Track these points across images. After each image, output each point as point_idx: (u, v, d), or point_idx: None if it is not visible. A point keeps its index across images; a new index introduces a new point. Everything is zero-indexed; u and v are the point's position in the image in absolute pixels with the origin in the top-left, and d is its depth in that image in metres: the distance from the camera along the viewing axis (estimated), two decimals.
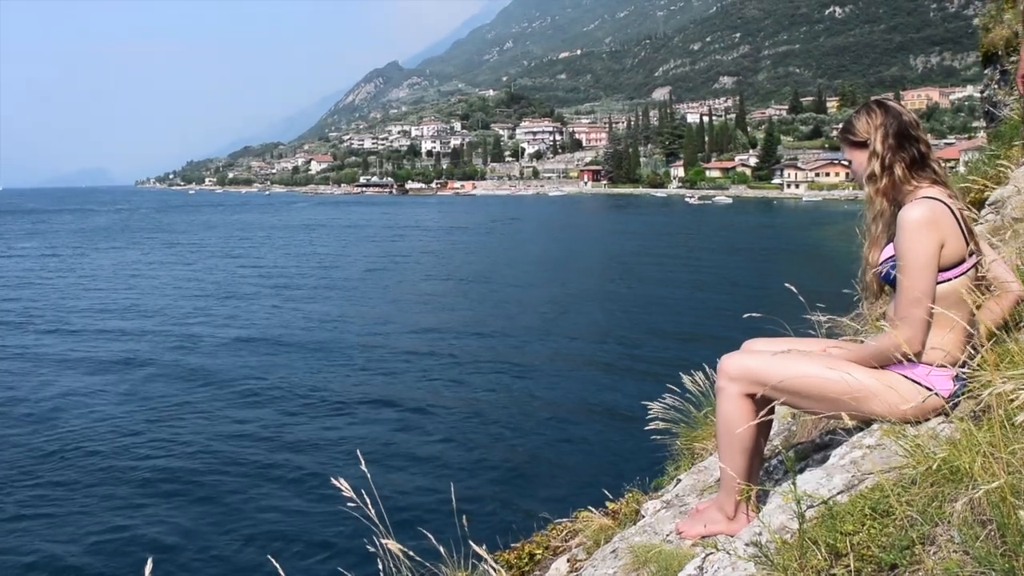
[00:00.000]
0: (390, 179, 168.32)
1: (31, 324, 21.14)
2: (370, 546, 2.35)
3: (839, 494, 1.69)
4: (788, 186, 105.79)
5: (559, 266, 34.94)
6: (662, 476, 3.42)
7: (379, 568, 2.32)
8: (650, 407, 3.44)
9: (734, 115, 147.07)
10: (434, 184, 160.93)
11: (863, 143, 2.09)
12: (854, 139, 2.12)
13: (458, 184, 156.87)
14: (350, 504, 2.29)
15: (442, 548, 2.55)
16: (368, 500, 2.31)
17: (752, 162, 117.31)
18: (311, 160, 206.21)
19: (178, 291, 27.61)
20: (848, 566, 1.39)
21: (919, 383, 1.89)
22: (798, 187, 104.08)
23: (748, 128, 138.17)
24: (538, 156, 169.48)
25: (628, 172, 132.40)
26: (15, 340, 18.95)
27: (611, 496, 3.16)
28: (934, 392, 1.87)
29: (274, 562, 2.36)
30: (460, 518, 2.50)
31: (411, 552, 2.25)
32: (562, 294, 25.99)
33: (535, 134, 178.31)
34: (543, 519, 3.40)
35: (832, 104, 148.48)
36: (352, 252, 42.98)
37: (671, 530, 2.33)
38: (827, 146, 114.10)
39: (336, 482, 2.26)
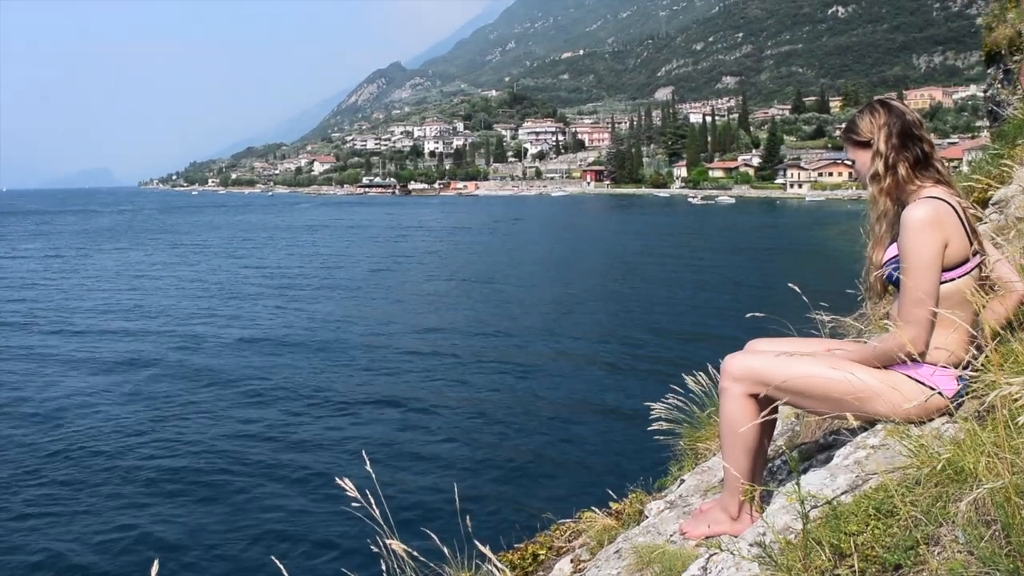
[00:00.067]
0: (393, 180, 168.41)
1: (36, 325, 21.19)
2: (374, 546, 2.35)
3: (843, 494, 1.69)
4: (791, 186, 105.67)
5: (562, 266, 34.94)
6: (666, 476, 3.42)
7: (384, 568, 2.32)
8: (653, 407, 3.43)
9: (737, 115, 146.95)
10: (437, 185, 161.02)
11: (866, 143, 2.09)
12: (857, 139, 2.12)
13: (461, 184, 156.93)
14: (355, 504, 2.29)
15: (446, 548, 2.55)
16: (372, 500, 2.32)
17: (755, 162, 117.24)
18: (314, 161, 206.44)
19: (182, 292, 27.66)
20: (852, 566, 1.39)
21: (923, 383, 1.89)
22: (801, 187, 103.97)
23: (751, 128, 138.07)
24: (541, 156, 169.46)
25: (631, 172, 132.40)
26: (21, 340, 19.00)
27: (615, 496, 3.15)
28: (938, 392, 1.87)
29: (278, 563, 2.36)
30: (464, 518, 2.50)
31: (415, 552, 2.26)
32: (565, 294, 25.98)
33: (538, 134, 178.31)
34: (547, 519, 3.40)
35: (835, 104, 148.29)
36: (356, 253, 43.01)
37: (675, 530, 2.33)
38: (830, 146, 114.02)
39: (341, 482, 2.26)
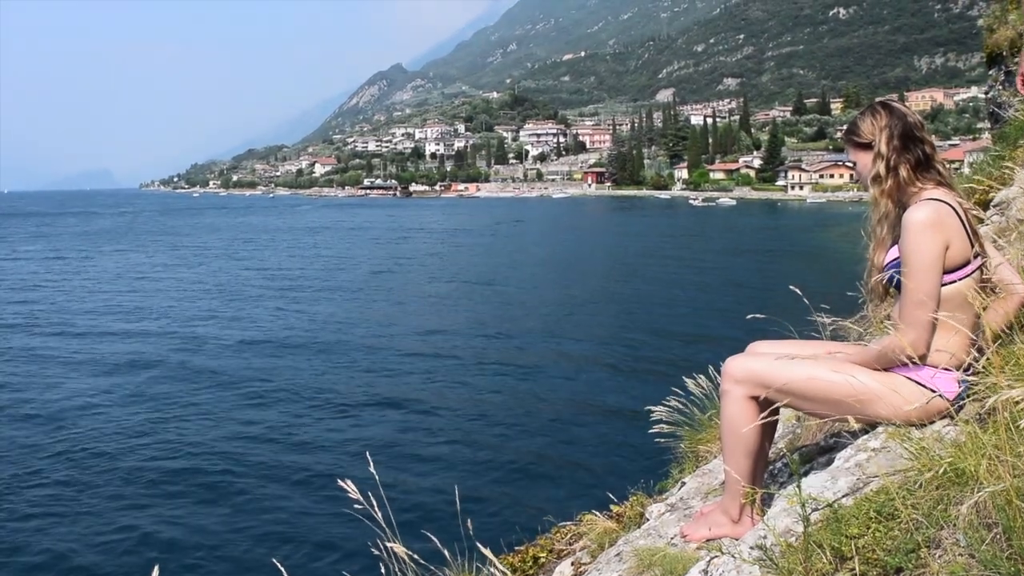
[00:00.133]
0: (394, 181, 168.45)
1: (38, 327, 21.21)
2: (375, 549, 2.35)
3: (844, 497, 1.69)
4: (792, 188, 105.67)
5: (564, 268, 34.94)
6: (666, 479, 3.41)
7: (385, 571, 2.32)
8: (654, 410, 3.43)
9: (738, 117, 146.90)
10: (438, 186, 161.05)
11: (868, 144, 2.09)
12: (859, 140, 2.12)
13: (462, 186, 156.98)
14: (357, 506, 2.30)
15: (446, 551, 2.55)
16: (375, 502, 2.32)
17: (756, 164, 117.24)
18: (315, 163, 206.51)
19: (183, 294, 27.69)
20: (853, 569, 1.39)
21: (924, 385, 1.89)
22: (802, 189, 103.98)
23: (752, 130, 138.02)
24: (542, 158, 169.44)
25: (632, 174, 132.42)
26: (22, 342, 19.02)
27: (615, 499, 3.15)
28: (939, 394, 1.87)
29: (279, 565, 2.36)
30: (464, 520, 2.50)
31: (416, 556, 2.26)
32: (567, 296, 25.98)
33: (539, 136, 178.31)
34: (547, 522, 3.39)
35: (836, 106, 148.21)
36: (357, 254, 43.04)
37: (675, 533, 2.33)
38: (831, 148, 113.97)
39: (343, 484, 2.26)
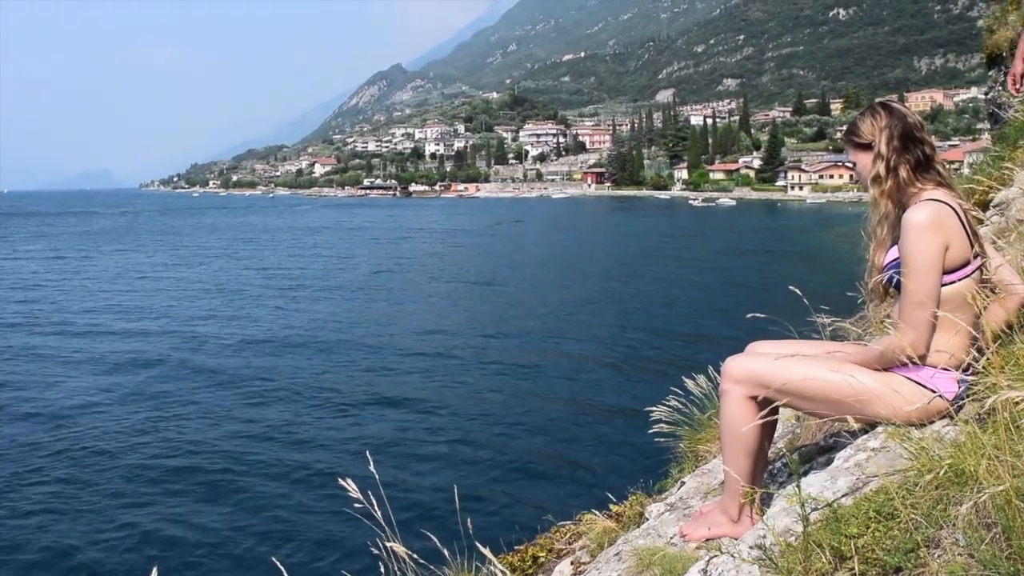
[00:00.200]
0: (394, 182, 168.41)
1: (38, 326, 21.21)
2: (375, 548, 2.35)
3: (843, 497, 1.69)
4: (792, 188, 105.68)
5: (563, 268, 34.94)
6: (666, 479, 3.41)
7: (384, 570, 2.32)
8: (653, 410, 3.43)
9: (738, 117, 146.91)
10: (438, 187, 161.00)
11: (868, 145, 2.09)
12: (859, 141, 2.12)
13: (462, 186, 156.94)
14: (356, 505, 2.30)
15: (446, 550, 2.55)
16: (375, 501, 2.32)
17: (756, 164, 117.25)
18: (315, 163, 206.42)
19: (184, 293, 27.68)
20: (852, 569, 1.39)
21: (923, 385, 1.89)
22: (802, 189, 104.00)
23: (752, 130, 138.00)
24: (542, 158, 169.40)
25: (632, 174, 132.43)
26: (23, 341, 19.01)
27: (615, 499, 3.15)
28: (938, 395, 1.87)
29: (278, 564, 2.36)
30: (464, 520, 2.50)
31: (415, 555, 2.26)
32: (566, 296, 25.98)
33: (539, 136, 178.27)
34: (547, 521, 3.40)
35: (836, 106, 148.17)
36: (357, 254, 43.04)
37: (675, 533, 2.33)
38: (831, 148, 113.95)
39: (343, 483, 2.26)
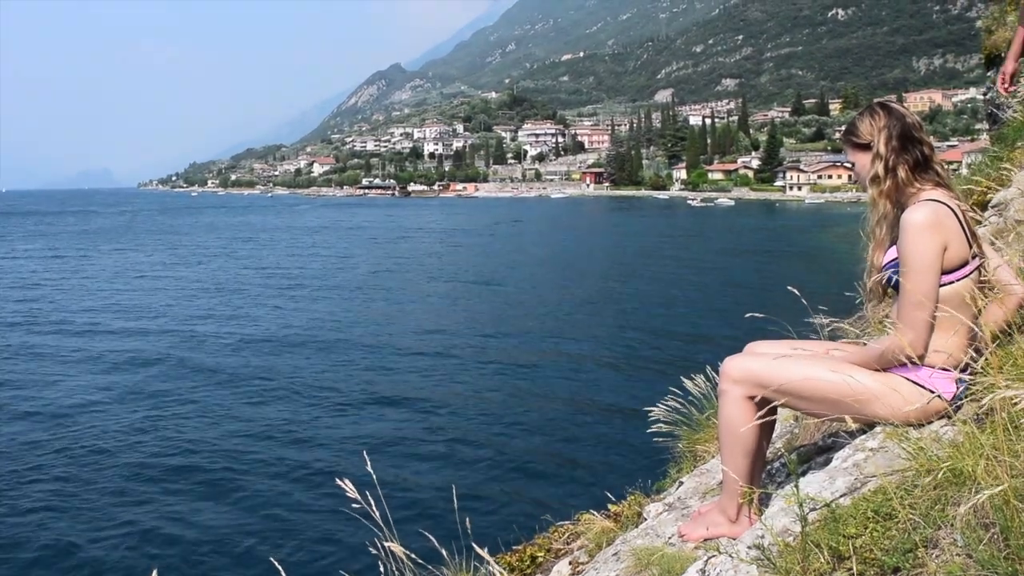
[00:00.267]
0: (392, 181, 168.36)
1: (37, 325, 21.20)
2: (372, 548, 2.35)
3: (842, 497, 1.69)
4: (790, 188, 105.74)
5: (562, 268, 34.95)
6: (664, 478, 3.41)
7: (383, 570, 2.32)
8: (652, 410, 3.43)
9: (736, 117, 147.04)
10: (436, 186, 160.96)
11: (866, 145, 2.09)
12: (857, 141, 2.11)
13: (460, 186, 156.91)
14: (355, 505, 2.29)
15: (444, 550, 2.55)
16: (372, 501, 2.32)
17: (754, 164, 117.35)
18: (313, 162, 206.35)
19: (183, 292, 27.67)
20: (851, 569, 1.39)
21: (922, 386, 1.89)
22: (800, 189, 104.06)
23: (750, 130, 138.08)
24: (540, 158, 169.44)
25: (630, 174, 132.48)
26: (22, 340, 19.00)
27: (613, 498, 3.15)
28: (937, 395, 1.87)
29: (276, 564, 2.36)
30: (462, 519, 2.50)
31: (414, 555, 2.26)
32: (565, 295, 25.98)
33: (537, 136, 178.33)
34: (545, 521, 3.39)
35: (835, 106, 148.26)
36: (356, 254, 43.04)
37: (673, 533, 2.33)
38: (829, 148, 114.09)
39: (341, 483, 2.26)
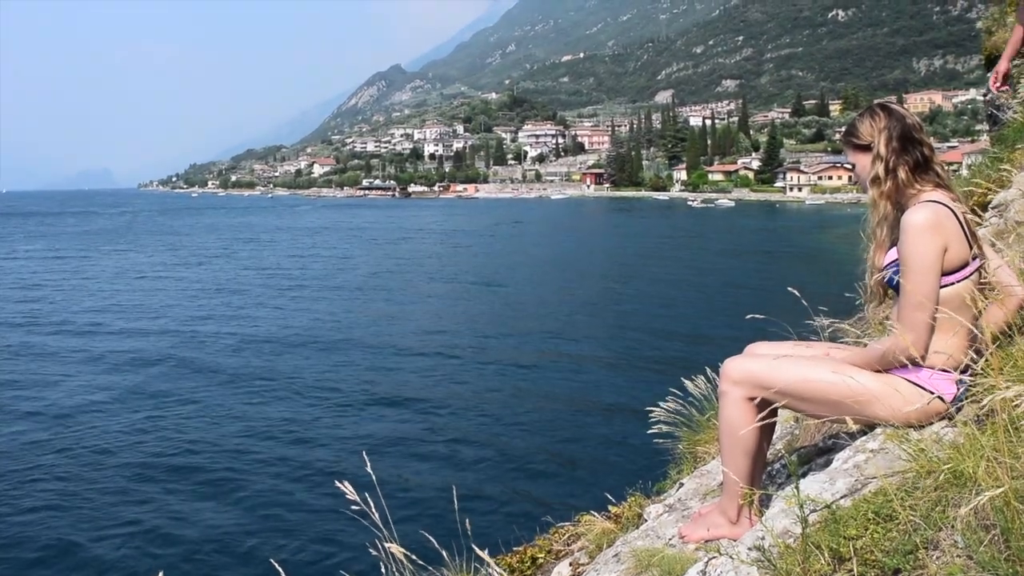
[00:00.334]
0: (393, 182, 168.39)
1: (38, 325, 21.19)
2: (373, 549, 2.35)
3: (842, 498, 1.69)
4: (791, 189, 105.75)
5: (562, 269, 34.95)
6: (664, 480, 3.41)
7: (383, 571, 2.32)
8: (652, 411, 3.43)
9: (737, 118, 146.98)
10: (436, 187, 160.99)
11: (867, 146, 2.09)
12: (858, 142, 2.11)
13: (461, 187, 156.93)
14: (354, 507, 2.29)
15: (444, 551, 2.55)
16: (372, 502, 2.32)
17: (755, 165, 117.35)
18: (314, 163, 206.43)
19: (183, 293, 27.67)
20: (851, 570, 1.39)
21: (922, 387, 1.89)
22: (801, 190, 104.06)
23: (751, 131, 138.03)
24: (540, 159, 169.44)
25: (630, 175, 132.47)
26: (23, 340, 19.00)
27: (613, 500, 3.14)
28: (937, 396, 1.87)
29: (276, 565, 2.36)
30: (462, 520, 2.50)
31: (414, 556, 2.25)
32: (565, 296, 25.99)
33: (538, 137, 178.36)
34: (545, 522, 3.39)
35: (835, 107, 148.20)
36: (357, 255, 43.05)
37: (674, 534, 2.33)
38: (830, 149, 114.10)
39: (341, 485, 2.26)
